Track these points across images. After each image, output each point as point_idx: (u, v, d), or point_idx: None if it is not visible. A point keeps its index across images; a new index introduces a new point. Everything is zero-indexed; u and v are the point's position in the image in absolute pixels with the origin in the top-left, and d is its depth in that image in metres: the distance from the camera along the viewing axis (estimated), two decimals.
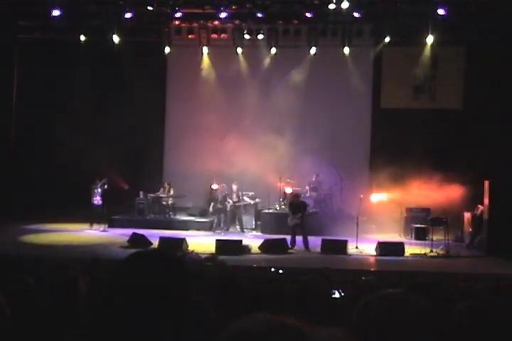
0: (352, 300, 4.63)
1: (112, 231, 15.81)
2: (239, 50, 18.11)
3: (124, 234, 14.53)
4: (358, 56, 17.77)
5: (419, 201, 16.18)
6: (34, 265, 6.03)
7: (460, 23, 16.22)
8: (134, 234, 13.63)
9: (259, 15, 16.64)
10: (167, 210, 17.31)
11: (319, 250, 13.38)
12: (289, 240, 13.78)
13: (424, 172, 16.21)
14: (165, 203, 17.32)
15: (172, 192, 17.25)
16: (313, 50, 17.75)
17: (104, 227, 16.08)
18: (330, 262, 11.32)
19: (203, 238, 14.95)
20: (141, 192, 17.40)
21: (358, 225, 14.05)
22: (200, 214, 17.55)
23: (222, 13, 16.52)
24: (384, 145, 17.61)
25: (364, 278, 7.56)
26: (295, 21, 17.09)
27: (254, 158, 16.69)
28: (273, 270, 10.34)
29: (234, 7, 16.62)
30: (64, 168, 17.67)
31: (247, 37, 17.72)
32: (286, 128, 17.33)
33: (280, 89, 17.89)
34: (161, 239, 13.08)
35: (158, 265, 1.66)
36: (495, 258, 13.05)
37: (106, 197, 16.57)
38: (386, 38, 17.28)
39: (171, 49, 18.27)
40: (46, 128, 18.35)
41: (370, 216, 15.94)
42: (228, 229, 16.59)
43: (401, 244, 13.55)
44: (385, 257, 12.89)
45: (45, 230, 15.84)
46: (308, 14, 16.44)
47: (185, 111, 18.56)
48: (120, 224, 16.47)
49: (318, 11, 16.34)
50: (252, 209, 16.95)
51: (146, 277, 1.61)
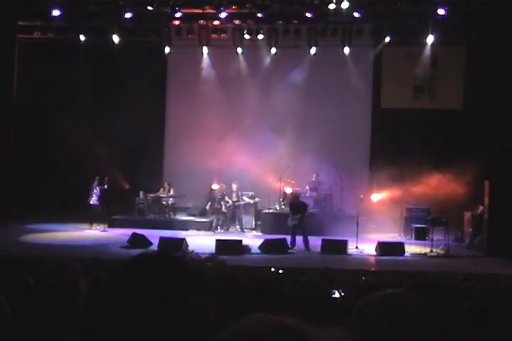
0: (352, 300, 4.63)
1: (112, 231, 15.81)
2: (239, 50, 18.10)
3: (124, 234, 14.54)
4: (358, 56, 17.77)
5: (419, 201, 16.19)
6: (34, 265, 6.03)
7: (460, 23, 16.21)
8: (134, 234, 13.64)
9: (259, 15, 16.64)
10: (167, 210, 17.32)
11: (319, 250, 13.39)
12: (289, 240, 13.79)
13: (424, 172, 16.24)
14: (165, 203, 17.32)
15: (172, 192, 17.26)
16: (313, 50, 17.75)
17: (104, 227, 16.09)
18: (330, 262, 11.32)
19: (203, 238, 14.96)
20: (141, 192, 17.41)
21: (358, 225, 14.07)
22: (200, 214, 17.55)
23: (222, 13, 16.52)
24: (384, 145, 17.62)
25: (364, 278, 7.56)
26: (295, 21, 17.08)
27: (254, 158, 16.69)
28: (273, 270, 10.34)
29: (234, 7, 16.63)
30: (64, 167, 17.68)
31: (247, 37, 17.71)
32: (286, 128, 17.33)
33: (280, 89, 17.89)
34: (161, 239, 13.09)
35: (158, 265, 1.66)
36: (495, 258, 13.05)
37: (104, 197, 16.56)
38: (386, 38, 17.28)
39: (171, 49, 18.28)
40: (46, 128, 18.36)
41: (370, 216, 15.94)
42: (228, 229, 16.60)
43: (401, 244, 13.55)
44: (385, 257, 12.89)
45: (45, 230, 15.84)
46: (308, 14, 16.43)
47: (185, 111, 18.56)
48: (120, 224, 16.48)
49: (318, 11, 16.34)
50: (251, 209, 16.95)
51: (146, 277, 1.61)
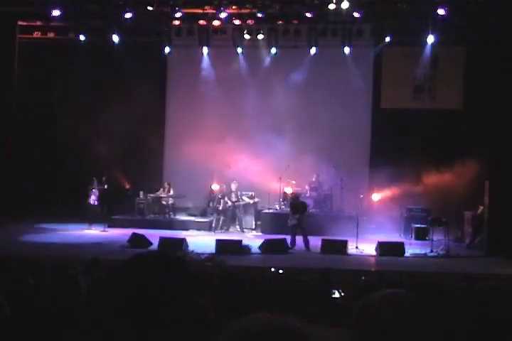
0: (352, 300, 4.64)
1: (112, 231, 15.81)
2: (239, 50, 18.10)
3: (124, 234, 14.53)
4: (358, 56, 17.77)
5: (419, 201, 16.19)
6: (34, 265, 6.02)
7: (460, 23, 16.22)
8: (134, 234, 13.64)
9: (259, 15, 16.64)
10: (167, 210, 17.32)
11: (319, 250, 13.39)
12: (289, 240, 13.79)
13: (424, 172, 16.24)
14: (165, 203, 17.32)
15: (172, 192, 17.26)
16: (313, 50, 17.74)
17: (104, 227, 16.09)
18: (330, 262, 11.32)
19: (203, 238, 14.96)
20: (141, 192, 17.42)
21: (358, 225, 14.07)
22: (200, 214, 17.56)
23: (222, 13, 16.52)
24: (384, 145, 17.62)
25: (364, 278, 7.56)
26: (295, 21, 17.08)
27: (254, 158, 16.69)
28: (273, 270, 10.34)
29: (234, 7, 16.63)
30: (64, 168, 17.70)
31: (247, 37, 17.70)
32: (286, 128, 17.33)
33: (280, 89, 17.89)
34: (161, 239, 13.09)
35: (158, 265, 1.66)
36: (495, 258, 13.05)
37: (103, 197, 16.57)
38: (386, 38, 17.28)
39: (171, 49, 18.27)
40: (46, 128, 18.36)
41: (370, 216, 15.94)
42: (228, 229, 16.61)
43: (401, 244, 13.55)
44: (385, 257, 12.89)
45: (45, 230, 15.84)
46: (308, 14, 16.43)
47: (185, 111, 18.56)
48: (120, 224, 16.47)
49: (318, 11, 16.33)
50: (251, 209, 16.95)
51: (147, 277, 1.61)
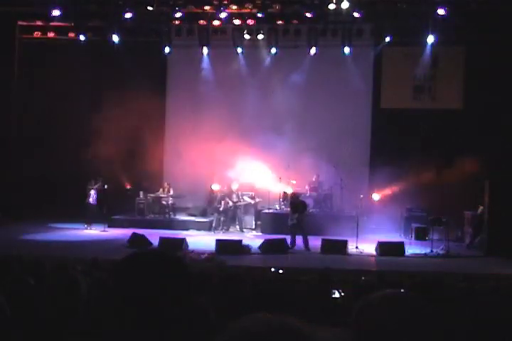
0: (352, 300, 4.64)
1: (112, 231, 15.82)
2: (239, 50, 18.09)
3: (124, 234, 14.54)
4: (358, 56, 17.76)
5: (419, 201, 16.19)
6: (34, 265, 6.02)
7: (460, 23, 16.21)
8: (134, 234, 13.65)
9: (259, 15, 16.64)
10: (167, 210, 17.32)
11: (319, 250, 13.39)
12: (289, 240, 13.79)
13: (424, 172, 16.24)
14: (165, 203, 17.32)
15: (172, 192, 17.26)
16: (313, 50, 17.73)
17: (104, 227, 16.09)
18: (330, 262, 11.33)
19: (203, 238, 14.96)
20: (141, 192, 17.42)
21: (358, 225, 14.07)
22: (200, 214, 17.56)
23: (222, 13, 16.52)
24: (384, 145, 17.62)
25: (364, 278, 7.56)
26: (295, 21, 17.07)
27: (254, 158, 16.69)
28: (273, 270, 10.35)
29: (234, 7, 16.62)
30: (64, 167, 17.67)
31: (247, 37, 17.70)
32: (286, 128, 17.33)
33: (280, 89, 17.89)
34: (161, 239, 13.10)
35: (158, 265, 1.66)
36: (495, 258, 13.06)
37: (101, 196, 16.57)
38: (386, 38, 17.27)
39: (170, 49, 18.26)
40: (46, 128, 18.36)
41: (370, 216, 15.94)
42: (228, 229, 16.61)
43: (401, 244, 13.55)
44: (385, 257, 12.90)
45: (45, 230, 15.85)
46: (308, 14, 16.42)
47: (185, 111, 18.55)
48: (120, 224, 16.48)
49: (318, 11, 16.33)
50: (252, 209, 16.95)
51: (146, 277, 1.61)
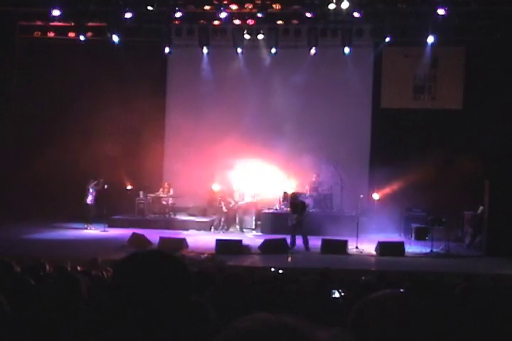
0: (352, 300, 4.63)
1: (112, 231, 15.82)
2: (239, 50, 18.09)
3: (124, 234, 14.53)
4: (358, 56, 17.75)
5: (419, 201, 16.19)
6: (34, 265, 6.03)
7: (460, 23, 16.22)
8: (134, 234, 13.64)
9: (259, 15, 16.63)
10: (167, 210, 17.32)
11: (319, 250, 13.39)
12: (289, 240, 13.79)
13: (423, 172, 16.23)
14: (165, 203, 17.33)
15: (172, 192, 17.26)
16: (313, 50, 17.73)
17: (104, 227, 16.09)
18: (330, 262, 11.33)
19: (203, 238, 14.96)
20: (141, 192, 17.42)
21: (358, 225, 14.07)
22: (200, 214, 17.56)
23: (222, 13, 16.51)
24: (384, 145, 17.63)
25: (364, 278, 7.56)
26: (295, 21, 17.06)
27: (254, 158, 16.69)
28: (273, 270, 10.35)
29: (234, 7, 16.61)
30: (64, 167, 17.67)
31: (247, 37, 17.70)
32: (286, 128, 17.33)
33: (280, 89, 17.89)
34: (161, 239, 13.10)
35: (157, 265, 1.66)
36: (495, 258, 13.06)
37: (100, 196, 16.58)
38: (386, 38, 17.26)
39: (170, 49, 18.25)
40: (46, 128, 18.36)
41: (370, 216, 15.94)
42: (228, 229, 16.61)
43: (401, 244, 13.56)
44: (385, 257, 12.90)
45: (45, 230, 15.85)
46: (308, 14, 16.41)
47: (185, 111, 18.54)
48: (120, 224, 16.49)
49: (318, 11, 16.32)
50: (252, 209, 16.95)
51: (146, 277, 1.61)
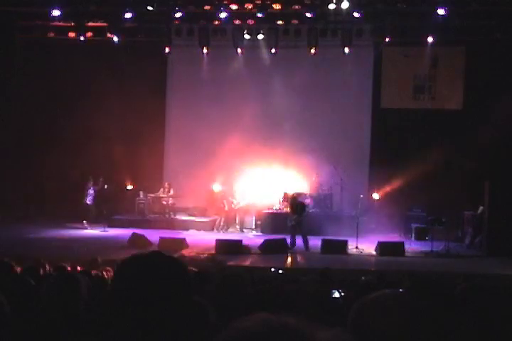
0: (352, 300, 4.63)
1: (112, 231, 15.82)
2: (239, 50, 18.08)
3: (124, 234, 14.54)
4: (358, 56, 17.75)
5: (419, 201, 16.19)
6: (34, 265, 6.02)
7: (460, 23, 16.21)
8: (134, 234, 13.65)
9: (259, 15, 16.62)
10: (167, 210, 17.32)
11: (319, 250, 13.39)
12: (289, 240, 13.79)
13: (423, 172, 16.22)
14: (165, 203, 17.33)
15: (172, 192, 17.26)
16: (313, 50, 17.72)
17: (104, 227, 16.09)
18: (330, 262, 11.33)
19: (203, 238, 14.96)
20: (141, 192, 17.42)
21: (358, 225, 14.07)
22: (200, 214, 17.56)
23: (222, 13, 16.50)
24: (384, 145, 17.62)
25: (364, 278, 7.56)
26: (295, 21, 17.06)
27: (254, 158, 16.69)
28: (273, 270, 10.35)
29: (234, 7, 16.60)
30: (64, 167, 17.66)
31: (247, 37, 17.70)
32: (286, 128, 17.33)
33: (280, 89, 17.89)
34: (161, 239, 13.10)
35: (158, 266, 1.66)
36: (495, 258, 13.06)
37: (99, 196, 16.57)
38: (386, 38, 17.25)
39: (171, 49, 18.25)
40: (46, 127, 18.36)
41: (370, 216, 15.94)
42: (228, 229, 16.61)
43: (401, 244, 13.56)
44: (385, 257, 12.90)
45: (45, 230, 15.85)
46: (308, 14, 16.41)
47: (185, 111, 18.56)
48: (120, 224, 16.49)
49: (318, 11, 16.32)
50: (252, 209, 16.96)
51: (146, 278, 1.61)
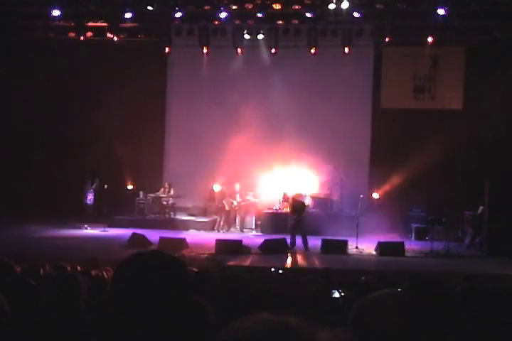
0: (352, 300, 4.63)
1: (112, 231, 15.82)
2: (239, 50, 18.08)
3: (124, 234, 14.53)
4: (358, 56, 17.74)
5: (419, 201, 16.19)
6: (34, 265, 6.02)
7: (460, 23, 16.21)
8: (134, 234, 13.65)
9: (259, 15, 16.62)
10: (167, 210, 17.32)
11: (319, 250, 13.39)
12: (289, 240, 13.79)
13: (423, 172, 16.24)
14: (165, 203, 17.33)
15: (172, 192, 17.26)
16: (313, 50, 17.72)
17: (104, 227, 16.09)
18: (330, 262, 11.34)
19: (203, 238, 14.96)
20: (141, 192, 17.42)
21: (358, 225, 14.07)
22: (200, 214, 17.56)
23: (222, 13, 16.50)
24: (384, 145, 17.62)
25: (364, 278, 7.56)
26: (295, 21, 17.05)
27: (254, 158, 16.69)
28: (273, 270, 10.34)
29: (234, 7, 16.60)
30: (63, 167, 17.66)
31: (247, 37, 17.69)
32: (286, 128, 17.32)
33: (280, 89, 17.88)
34: (161, 239, 13.10)
35: (157, 265, 1.66)
36: (495, 258, 13.06)
37: (99, 196, 16.57)
38: (386, 38, 17.25)
39: (171, 49, 18.25)
40: (46, 128, 18.35)
41: (370, 216, 15.93)
42: (228, 229, 16.61)
43: (401, 244, 13.55)
44: (385, 257, 12.90)
45: (45, 230, 15.84)
46: (308, 14, 16.40)
47: (185, 111, 18.56)
48: (120, 224, 16.48)
49: (318, 10, 16.31)
50: (252, 209, 16.96)
51: (146, 278, 1.61)
